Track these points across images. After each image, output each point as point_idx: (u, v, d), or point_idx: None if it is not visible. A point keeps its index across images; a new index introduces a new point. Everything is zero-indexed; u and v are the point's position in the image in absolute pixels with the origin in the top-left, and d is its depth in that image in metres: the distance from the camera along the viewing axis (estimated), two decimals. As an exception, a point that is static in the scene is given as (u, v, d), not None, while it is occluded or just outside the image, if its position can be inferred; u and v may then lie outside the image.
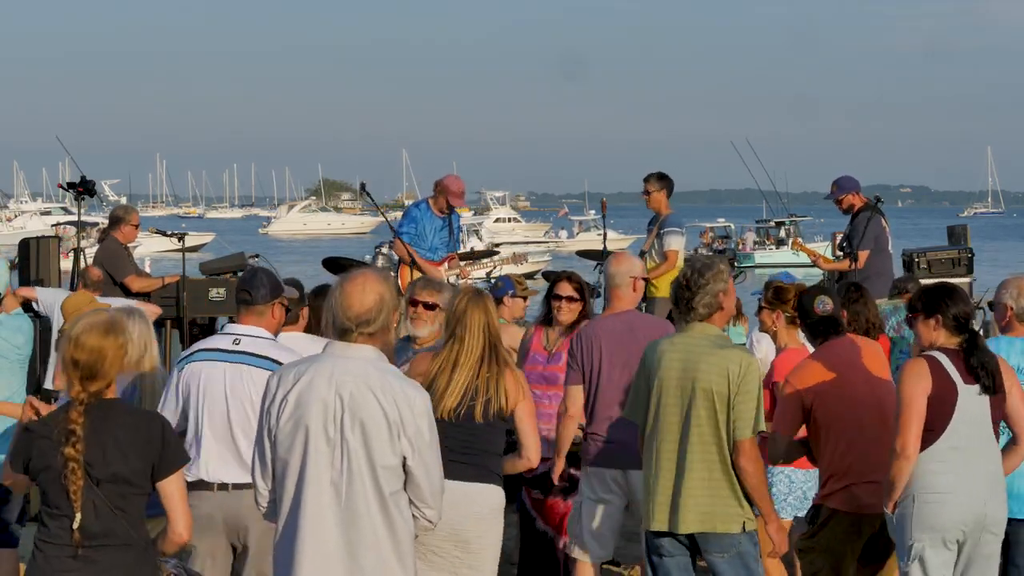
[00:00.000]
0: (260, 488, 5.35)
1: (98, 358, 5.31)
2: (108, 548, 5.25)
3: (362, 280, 5.25)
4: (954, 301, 6.50)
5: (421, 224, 12.75)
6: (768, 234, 65.40)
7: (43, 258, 14.56)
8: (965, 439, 6.40)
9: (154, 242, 44.58)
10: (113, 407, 5.34)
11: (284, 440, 5.22)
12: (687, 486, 6.41)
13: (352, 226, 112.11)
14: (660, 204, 13.13)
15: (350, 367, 5.19)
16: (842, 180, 13.48)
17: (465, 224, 66.69)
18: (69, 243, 24.62)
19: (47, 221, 72.98)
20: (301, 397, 5.19)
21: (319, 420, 5.17)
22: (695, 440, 6.41)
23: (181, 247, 14.36)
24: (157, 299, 13.13)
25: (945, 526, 6.39)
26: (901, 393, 6.41)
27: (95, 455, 5.22)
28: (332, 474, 5.18)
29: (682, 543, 6.50)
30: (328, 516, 5.18)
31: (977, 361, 6.41)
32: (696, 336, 6.51)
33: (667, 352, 6.52)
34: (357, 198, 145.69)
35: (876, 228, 13.08)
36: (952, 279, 13.09)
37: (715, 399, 6.40)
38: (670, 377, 6.47)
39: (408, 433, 5.17)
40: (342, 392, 5.17)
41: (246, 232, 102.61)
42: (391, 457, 5.18)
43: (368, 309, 5.20)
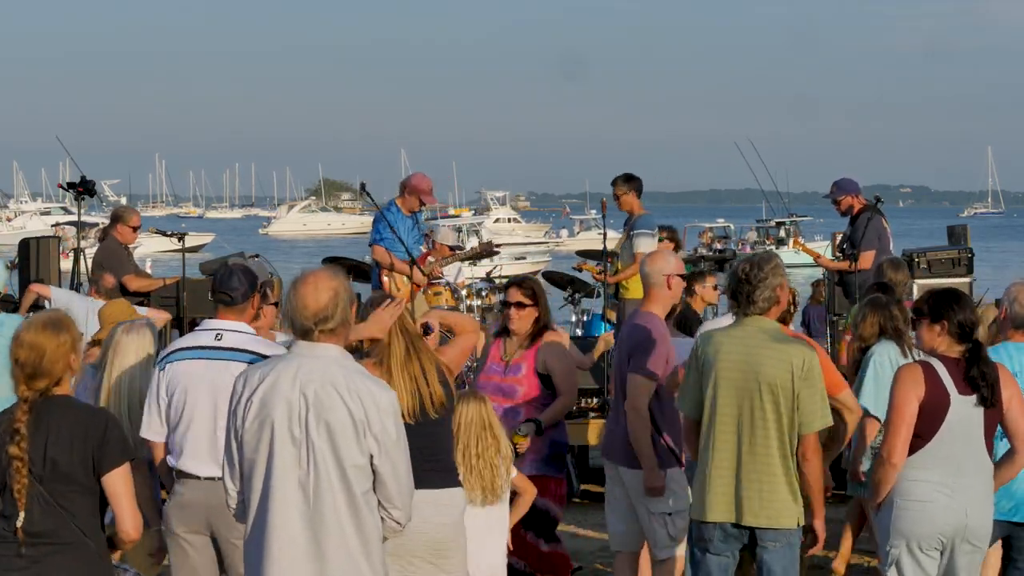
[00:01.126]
0: (229, 489, 5.35)
1: (39, 355, 5.27)
2: (54, 547, 5.19)
3: (313, 279, 5.28)
4: (960, 308, 6.44)
5: (397, 227, 12.69)
6: (768, 234, 65.36)
7: (43, 258, 14.56)
8: (953, 449, 6.34)
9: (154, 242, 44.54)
10: (58, 403, 5.30)
11: (250, 440, 5.23)
12: (751, 479, 6.39)
13: (352, 226, 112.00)
14: (632, 205, 13.16)
15: (315, 366, 5.21)
16: (841, 182, 13.51)
17: (465, 224, 66.69)
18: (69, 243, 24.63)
19: (47, 221, 72.95)
20: (266, 397, 5.21)
21: (284, 420, 5.18)
22: (759, 433, 6.39)
23: (181, 247, 14.35)
24: (157, 300, 13.14)
25: (922, 533, 6.36)
26: (893, 399, 6.38)
27: (37, 452, 5.18)
28: (299, 474, 5.18)
29: (731, 535, 6.46)
30: (295, 516, 5.18)
31: (978, 372, 6.35)
32: (753, 329, 6.48)
33: (725, 345, 6.47)
34: (357, 198, 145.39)
35: (877, 228, 13.10)
36: (952, 279, 13.10)
37: (779, 392, 6.37)
38: (729, 370, 6.42)
39: (374, 431, 5.18)
40: (306, 391, 5.18)
41: (246, 232, 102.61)
42: (359, 456, 5.19)
43: (324, 306, 5.23)
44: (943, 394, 6.32)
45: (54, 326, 5.34)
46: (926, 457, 6.34)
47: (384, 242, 12.65)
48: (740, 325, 6.54)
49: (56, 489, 5.18)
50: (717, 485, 6.43)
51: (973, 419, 6.36)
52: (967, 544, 6.41)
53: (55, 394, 5.30)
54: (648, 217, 13.21)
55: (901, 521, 6.37)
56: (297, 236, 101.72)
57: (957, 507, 6.35)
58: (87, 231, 17.39)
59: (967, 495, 6.36)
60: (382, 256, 12.66)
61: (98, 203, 65.68)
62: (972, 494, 6.38)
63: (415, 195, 12.76)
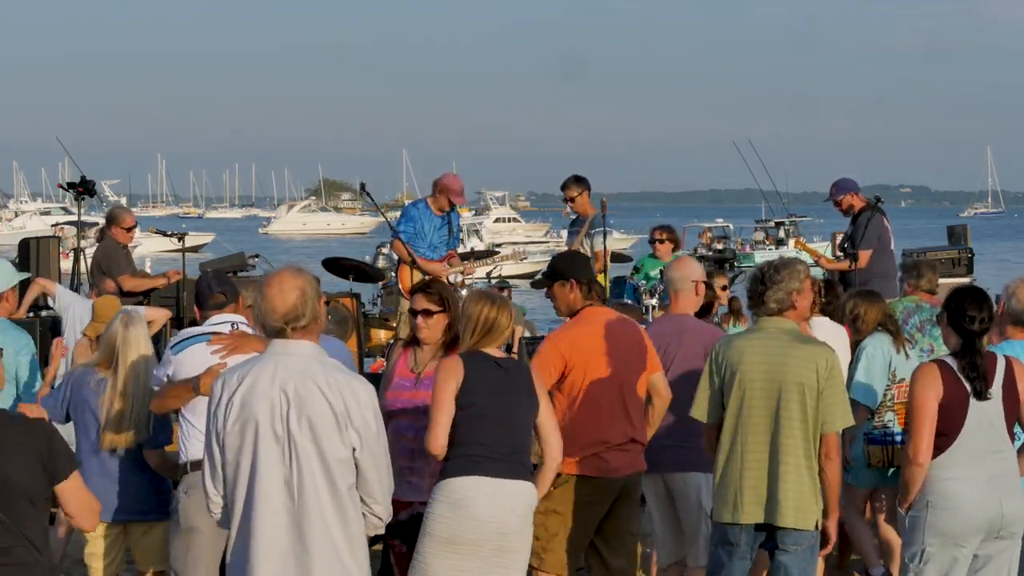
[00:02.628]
0: (211, 495, 5.35)
1: None
2: (8, 568, 5.04)
3: (278, 280, 5.32)
4: (961, 302, 6.52)
5: (419, 223, 12.76)
6: (767, 234, 65.33)
7: (43, 258, 14.59)
8: (979, 443, 6.42)
9: (154, 242, 44.61)
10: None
11: (233, 442, 5.24)
12: (783, 480, 6.41)
13: (352, 226, 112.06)
14: (585, 206, 13.27)
15: (292, 364, 5.24)
16: (841, 181, 13.52)
17: (465, 224, 66.68)
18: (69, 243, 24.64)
19: (47, 221, 72.93)
20: (246, 398, 5.23)
21: (266, 418, 5.20)
22: (787, 434, 6.42)
23: (181, 247, 14.37)
24: (157, 299, 13.13)
25: (958, 532, 6.43)
26: (913, 400, 6.46)
27: None
28: (283, 472, 5.21)
29: (755, 537, 6.49)
30: (281, 515, 5.20)
31: (968, 364, 6.42)
32: (773, 331, 6.52)
33: (748, 348, 6.50)
34: (357, 198, 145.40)
35: (878, 227, 13.11)
36: (952, 279, 13.12)
37: (805, 392, 6.41)
38: (754, 372, 6.45)
39: (355, 424, 5.22)
40: (286, 388, 5.21)
41: (246, 232, 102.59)
42: (342, 449, 5.22)
43: (292, 306, 5.27)
44: (962, 391, 6.40)
45: None
46: (955, 454, 6.41)
47: (404, 235, 12.69)
48: (759, 328, 6.59)
49: (8, 508, 5.02)
50: (749, 488, 6.46)
51: (994, 412, 6.44)
52: (1003, 538, 6.48)
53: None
54: (600, 216, 13.30)
55: (937, 520, 6.43)
56: (297, 236, 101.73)
57: (991, 500, 6.42)
58: (87, 231, 17.36)
59: (999, 486, 6.44)
60: (399, 249, 12.72)
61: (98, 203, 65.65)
62: (1003, 484, 6.46)
63: (444, 194, 12.83)
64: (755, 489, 6.45)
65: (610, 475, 7.30)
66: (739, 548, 6.50)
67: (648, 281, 13.25)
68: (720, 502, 6.57)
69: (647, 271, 13.46)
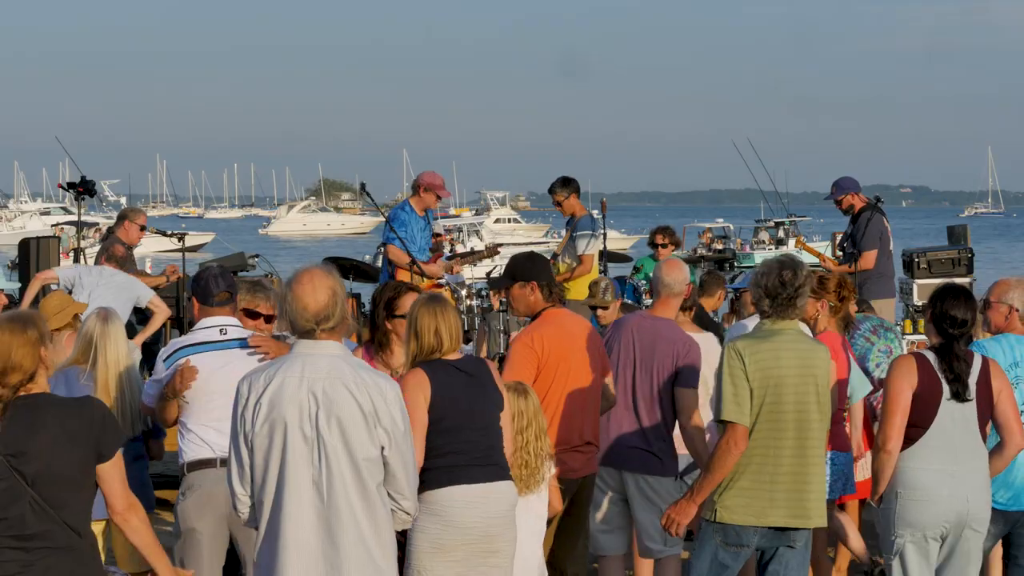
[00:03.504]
0: (239, 493, 5.34)
1: (6, 351, 5.11)
2: (47, 550, 5.07)
3: (309, 278, 5.30)
4: (944, 301, 6.64)
5: (410, 227, 12.73)
6: (768, 235, 65.35)
7: (43, 258, 14.61)
8: (951, 437, 6.53)
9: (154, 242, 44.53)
10: (39, 402, 5.15)
11: (261, 443, 5.24)
12: (813, 481, 6.42)
13: (352, 226, 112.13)
14: (573, 208, 13.24)
15: (320, 364, 5.24)
16: (842, 181, 13.53)
17: (465, 224, 66.73)
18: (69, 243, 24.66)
19: (47, 221, 72.97)
20: (274, 399, 5.22)
21: (295, 420, 5.20)
22: (814, 435, 6.43)
23: (181, 247, 14.41)
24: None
25: (927, 523, 6.53)
26: (887, 389, 6.58)
27: (26, 453, 5.04)
28: (312, 472, 5.20)
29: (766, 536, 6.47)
30: (310, 514, 5.20)
31: (945, 365, 6.52)
32: (797, 334, 6.51)
33: (785, 352, 6.39)
34: (357, 198, 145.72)
35: (879, 227, 13.13)
36: (952, 279, 13.12)
37: (822, 392, 6.45)
38: (793, 376, 6.40)
39: (383, 423, 5.22)
40: (315, 389, 5.21)
41: (246, 232, 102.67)
42: (370, 448, 5.22)
43: (324, 306, 5.26)
44: (936, 384, 6.52)
45: (21, 321, 5.20)
46: (925, 446, 6.52)
47: (395, 241, 12.65)
48: (783, 331, 6.45)
49: (49, 490, 5.07)
50: (783, 491, 6.40)
51: (967, 409, 6.55)
52: (970, 530, 6.59)
53: (33, 392, 5.15)
54: (588, 218, 13.32)
55: (906, 511, 6.54)
56: (297, 236, 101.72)
57: (959, 494, 6.52)
58: (87, 231, 17.38)
59: (967, 481, 6.54)
60: (398, 254, 12.62)
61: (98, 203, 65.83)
62: (972, 480, 6.56)
63: (431, 192, 12.79)
64: (788, 491, 6.41)
65: (569, 476, 7.34)
66: (748, 549, 6.48)
67: (648, 282, 13.28)
68: (741, 504, 6.44)
69: (647, 272, 13.48)
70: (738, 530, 6.49)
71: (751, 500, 6.44)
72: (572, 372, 7.46)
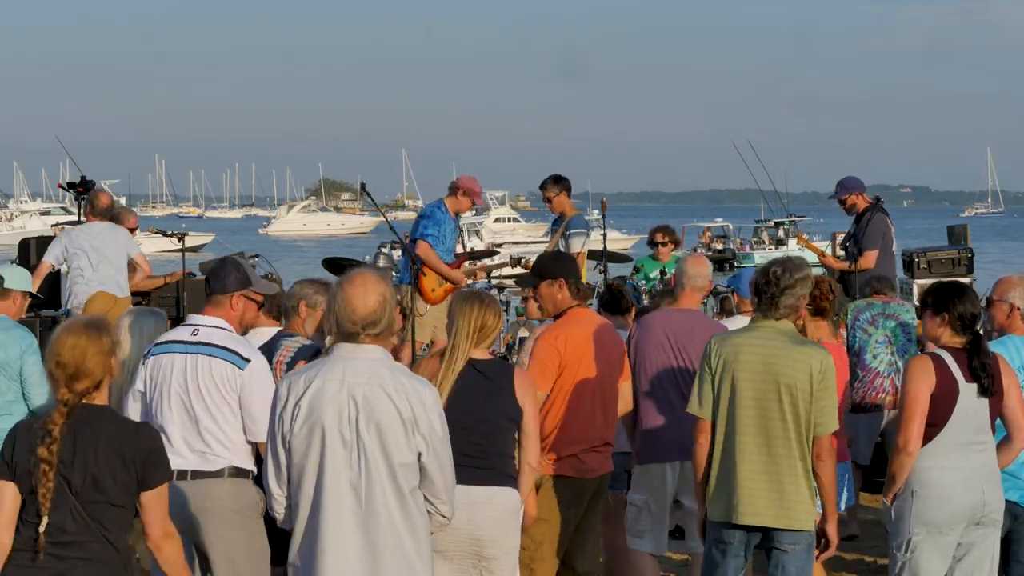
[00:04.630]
0: (275, 494, 5.33)
1: (80, 356, 5.15)
2: (80, 560, 5.08)
3: (362, 281, 5.25)
4: (962, 301, 6.68)
5: (443, 226, 12.68)
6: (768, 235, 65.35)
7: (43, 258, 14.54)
8: (964, 435, 6.59)
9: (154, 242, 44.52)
10: (100, 414, 5.18)
11: (299, 446, 5.22)
12: (776, 481, 6.42)
13: (352, 226, 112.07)
14: (564, 206, 13.27)
15: (360, 368, 5.21)
16: (845, 181, 13.53)
17: (465, 224, 66.68)
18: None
19: (47, 221, 72.81)
20: (314, 401, 5.20)
21: (334, 423, 5.18)
22: (780, 436, 6.44)
23: (181, 247, 14.37)
24: (157, 299, 13.14)
25: (943, 521, 6.57)
26: (906, 390, 6.59)
27: (73, 461, 5.06)
28: (350, 476, 5.19)
29: (750, 536, 6.49)
30: (348, 518, 5.19)
31: (979, 363, 6.59)
32: (772, 332, 6.52)
33: (745, 347, 6.50)
34: (357, 198, 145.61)
35: (882, 227, 13.14)
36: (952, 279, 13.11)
37: (797, 395, 6.43)
38: (750, 372, 6.45)
39: (422, 430, 5.21)
40: (355, 394, 5.18)
41: (246, 232, 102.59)
42: (408, 454, 5.21)
43: (373, 311, 5.22)
44: (952, 383, 6.56)
45: (96, 328, 5.25)
46: (940, 444, 6.57)
47: (429, 238, 12.59)
48: (757, 328, 6.58)
49: (91, 502, 5.09)
50: (744, 488, 6.44)
51: (980, 406, 6.61)
52: (985, 527, 6.63)
53: (95, 403, 5.18)
54: (580, 217, 13.37)
55: (923, 510, 6.57)
56: (297, 236, 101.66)
57: (974, 488, 6.58)
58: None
59: (980, 476, 6.60)
60: (427, 253, 12.54)
61: (98, 203, 65.52)
62: (985, 474, 6.62)
63: (469, 197, 12.81)
64: (750, 489, 6.44)
65: (587, 475, 7.40)
66: (733, 548, 6.49)
67: (648, 281, 13.28)
68: (714, 501, 6.55)
69: (647, 272, 13.49)
70: (718, 527, 6.51)
71: (721, 496, 6.50)
72: (593, 372, 7.49)
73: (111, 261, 12.28)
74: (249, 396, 6.55)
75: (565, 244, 13.04)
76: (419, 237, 12.64)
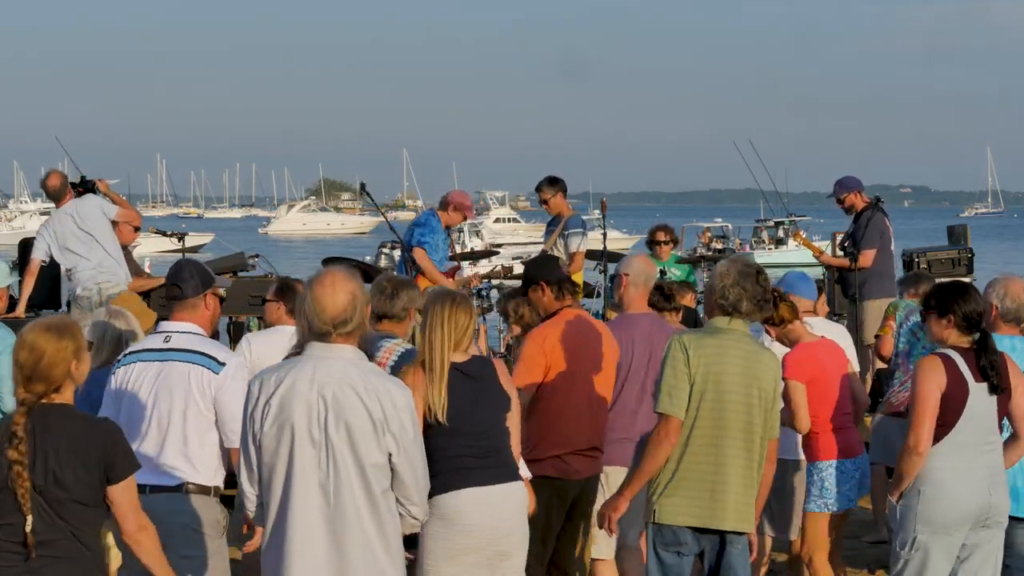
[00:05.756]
0: (247, 493, 5.34)
1: (37, 358, 5.09)
2: (50, 559, 5.04)
3: (331, 280, 5.25)
4: (965, 300, 6.67)
5: (437, 236, 12.72)
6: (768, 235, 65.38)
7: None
8: (973, 435, 6.59)
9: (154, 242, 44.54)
10: (60, 413, 5.12)
11: (269, 444, 5.22)
12: (738, 482, 6.41)
13: (352, 226, 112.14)
14: (560, 207, 13.29)
15: (331, 368, 5.20)
16: (845, 180, 13.55)
17: (466, 224, 66.69)
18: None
19: (47, 221, 72.86)
20: (284, 400, 5.19)
21: (303, 422, 5.18)
22: (756, 437, 6.44)
23: (181, 247, 14.39)
24: (157, 300, 13.12)
25: (949, 522, 6.57)
26: (916, 390, 6.58)
27: (35, 461, 5.02)
28: (319, 476, 5.18)
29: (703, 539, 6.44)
30: (316, 518, 5.18)
31: (987, 361, 6.59)
32: (740, 334, 6.47)
33: (727, 350, 6.40)
34: (357, 198, 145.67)
35: (880, 226, 13.15)
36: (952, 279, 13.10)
37: (765, 398, 6.44)
38: (735, 374, 6.39)
39: (392, 429, 5.19)
40: (325, 393, 5.18)
41: (246, 232, 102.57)
42: (378, 455, 5.20)
43: (343, 309, 5.21)
44: (962, 383, 6.55)
45: (57, 330, 5.16)
46: (949, 445, 6.56)
47: (425, 246, 12.63)
48: (727, 330, 6.46)
49: (56, 500, 5.05)
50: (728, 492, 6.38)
51: (989, 406, 6.61)
52: (989, 528, 6.63)
53: (55, 402, 5.13)
54: (578, 217, 13.40)
55: (929, 509, 6.56)
56: (297, 236, 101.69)
57: (981, 490, 6.58)
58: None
59: (988, 476, 6.60)
60: (424, 260, 12.57)
61: (98, 203, 65.46)
62: (992, 475, 6.62)
63: (460, 211, 12.89)
64: (736, 495, 6.40)
65: (570, 476, 7.33)
66: (687, 547, 6.43)
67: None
68: (674, 504, 6.42)
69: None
70: (676, 531, 6.44)
71: (691, 501, 6.40)
72: (581, 374, 7.43)
73: (96, 239, 12.23)
74: (224, 399, 6.36)
75: (564, 244, 13.05)
76: (416, 244, 12.68)
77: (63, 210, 12.42)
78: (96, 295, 11.99)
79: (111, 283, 12.11)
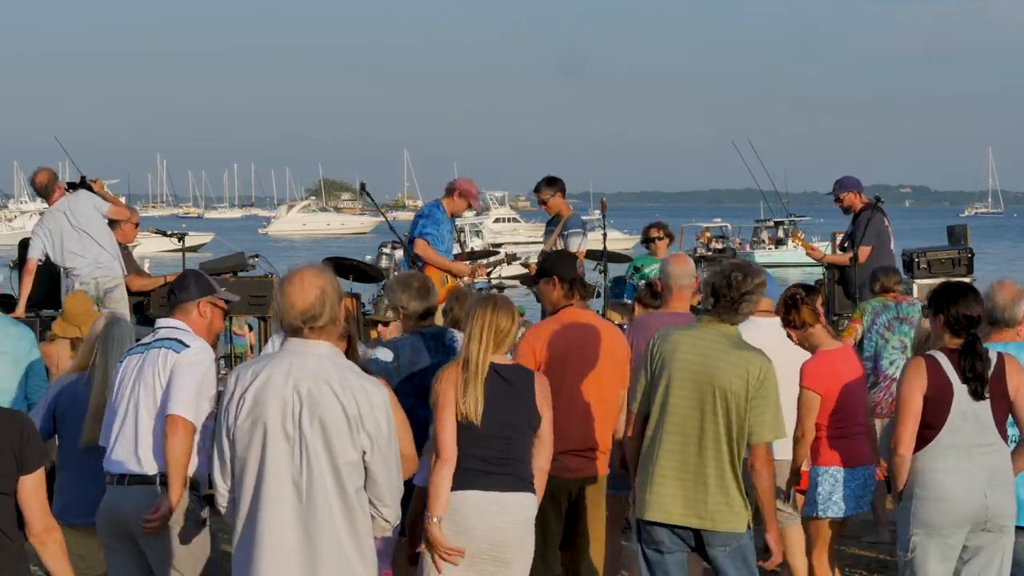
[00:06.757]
0: (220, 487, 5.32)
1: None
2: None
3: (299, 277, 5.27)
4: (956, 303, 6.62)
5: (441, 226, 12.69)
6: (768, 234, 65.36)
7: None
8: (965, 437, 6.55)
9: (154, 242, 44.54)
10: None
11: (242, 438, 5.21)
12: (700, 481, 6.39)
13: (352, 226, 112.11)
14: (559, 207, 13.27)
15: (307, 363, 5.20)
16: (844, 179, 13.57)
17: (465, 224, 66.64)
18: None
19: (47, 221, 72.77)
20: (259, 394, 5.19)
21: (277, 417, 5.17)
22: (710, 437, 6.40)
23: (181, 247, 14.38)
24: (157, 299, 13.11)
25: (942, 523, 6.55)
26: (899, 392, 6.62)
27: None
28: (292, 472, 5.17)
29: (680, 536, 6.45)
30: (288, 514, 5.16)
31: (968, 364, 6.52)
32: (714, 333, 6.48)
33: (682, 345, 6.47)
34: (357, 198, 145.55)
35: (878, 226, 13.17)
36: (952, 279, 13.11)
37: (730, 399, 6.38)
38: (684, 370, 6.42)
39: (367, 428, 5.18)
40: (300, 388, 5.17)
41: (246, 232, 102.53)
42: (352, 452, 5.18)
43: (311, 304, 5.22)
44: (946, 384, 6.53)
45: None
46: (938, 446, 6.55)
47: (428, 237, 12.59)
48: (701, 328, 6.53)
49: None
50: (666, 485, 6.41)
51: (980, 405, 6.56)
52: (990, 528, 6.58)
53: None
54: (577, 217, 13.39)
55: (922, 511, 6.57)
56: (297, 236, 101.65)
57: (975, 492, 6.54)
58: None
59: (984, 479, 6.55)
60: (426, 250, 12.53)
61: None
62: (989, 478, 6.56)
63: (465, 199, 12.82)
64: (669, 487, 6.40)
65: (564, 475, 7.22)
66: (665, 545, 6.44)
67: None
68: (647, 500, 6.46)
69: (646, 271, 13.47)
70: (650, 528, 6.47)
71: (652, 495, 6.44)
72: (578, 373, 7.39)
73: (91, 235, 12.24)
74: (176, 374, 6.49)
75: (563, 244, 13.03)
76: (417, 235, 12.64)
77: (56, 208, 12.43)
78: (93, 290, 12.01)
79: (108, 278, 12.16)
